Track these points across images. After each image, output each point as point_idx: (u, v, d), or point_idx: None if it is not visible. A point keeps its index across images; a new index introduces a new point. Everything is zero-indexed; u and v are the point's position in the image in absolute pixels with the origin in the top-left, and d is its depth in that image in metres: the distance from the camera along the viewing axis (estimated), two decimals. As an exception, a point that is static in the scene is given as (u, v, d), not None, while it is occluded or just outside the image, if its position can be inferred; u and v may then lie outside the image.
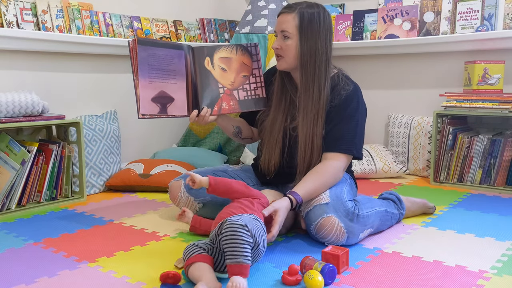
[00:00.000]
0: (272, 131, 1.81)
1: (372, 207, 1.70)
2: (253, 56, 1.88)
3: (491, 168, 2.44)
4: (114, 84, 2.72)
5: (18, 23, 2.22)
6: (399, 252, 1.57)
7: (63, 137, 2.30)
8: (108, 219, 1.99)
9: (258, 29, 2.84)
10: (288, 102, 1.81)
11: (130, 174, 2.46)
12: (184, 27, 3.01)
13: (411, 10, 2.79)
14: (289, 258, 1.52)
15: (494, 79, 2.46)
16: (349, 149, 1.70)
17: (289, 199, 1.59)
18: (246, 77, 1.87)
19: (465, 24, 2.62)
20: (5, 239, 1.73)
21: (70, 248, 1.63)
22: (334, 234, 1.58)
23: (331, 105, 1.72)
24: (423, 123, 2.78)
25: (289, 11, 1.71)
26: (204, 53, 1.82)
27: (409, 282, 1.35)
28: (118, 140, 2.59)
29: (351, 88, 1.73)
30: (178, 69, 1.76)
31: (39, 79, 2.38)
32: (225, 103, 1.83)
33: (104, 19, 2.58)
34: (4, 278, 1.39)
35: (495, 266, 1.46)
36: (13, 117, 2.04)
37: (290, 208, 1.59)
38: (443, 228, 1.83)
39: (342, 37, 3.05)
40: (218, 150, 2.91)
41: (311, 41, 1.69)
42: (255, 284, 1.33)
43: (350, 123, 1.71)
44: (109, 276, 1.39)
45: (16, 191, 2.05)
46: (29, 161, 2.07)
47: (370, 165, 2.71)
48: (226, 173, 1.95)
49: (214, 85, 1.82)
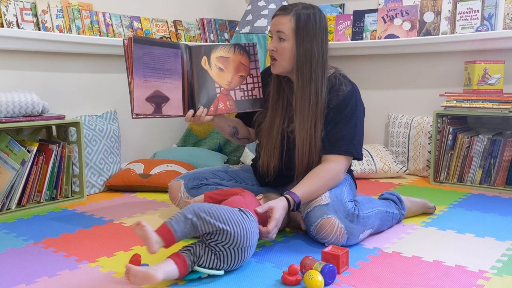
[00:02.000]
0: (270, 134, 1.79)
1: (372, 208, 1.69)
2: (251, 56, 1.87)
3: (491, 168, 2.44)
4: (114, 84, 2.72)
5: (18, 23, 2.22)
6: (399, 252, 1.57)
7: (63, 137, 2.30)
8: (108, 219, 1.99)
9: (258, 29, 2.84)
10: (286, 104, 1.79)
11: (130, 174, 2.46)
12: (184, 27, 3.01)
13: (411, 10, 2.79)
14: (289, 258, 1.52)
15: (494, 79, 2.46)
16: (348, 150, 1.69)
17: (286, 199, 1.59)
18: (243, 77, 1.85)
19: (465, 24, 2.62)
20: (5, 239, 1.73)
21: (70, 248, 1.63)
22: (334, 235, 1.58)
23: (329, 107, 1.71)
24: (423, 123, 2.78)
25: (284, 13, 1.68)
26: (201, 52, 1.81)
27: (409, 282, 1.35)
28: (118, 140, 2.59)
29: (349, 88, 1.71)
30: (174, 68, 1.75)
31: (39, 79, 2.38)
32: (222, 103, 1.82)
33: (104, 19, 2.58)
34: (4, 278, 1.39)
35: (495, 266, 1.46)
36: (13, 117, 2.04)
37: (288, 208, 1.59)
38: (443, 228, 1.83)
39: (342, 37, 3.05)
40: (218, 150, 2.91)
41: (307, 43, 1.67)
42: (255, 284, 1.33)
43: (348, 124, 1.69)
44: (109, 276, 1.39)
45: (16, 191, 2.05)
46: (29, 161, 2.07)
47: (370, 165, 2.71)
48: (226, 173, 1.95)
49: (211, 84, 1.81)
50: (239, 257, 1.38)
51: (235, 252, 1.36)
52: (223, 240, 1.34)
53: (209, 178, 1.90)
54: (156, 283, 1.33)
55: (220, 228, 1.34)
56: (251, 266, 1.45)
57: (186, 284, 1.33)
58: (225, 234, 1.34)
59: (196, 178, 1.89)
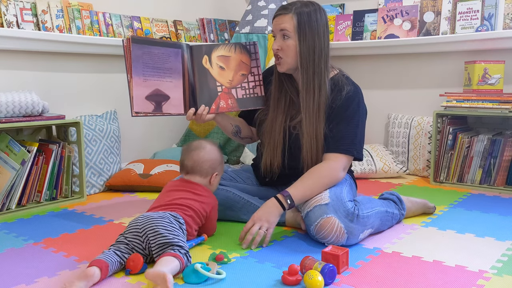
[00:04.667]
0: (272, 132, 1.80)
1: (372, 208, 1.69)
2: (252, 54, 1.88)
3: (491, 168, 2.44)
4: (114, 84, 2.72)
5: (18, 23, 2.22)
6: (399, 252, 1.57)
7: (63, 137, 2.30)
8: (108, 219, 1.99)
9: (258, 29, 2.84)
10: (288, 103, 1.80)
11: (130, 174, 2.46)
12: (184, 27, 3.01)
13: (411, 10, 2.79)
14: (289, 258, 1.52)
15: (494, 79, 2.46)
16: (349, 150, 1.70)
17: (275, 199, 1.63)
18: (244, 75, 1.86)
19: (465, 24, 2.62)
20: (5, 239, 1.73)
21: (70, 248, 1.63)
22: (334, 235, 1.58)
23: (332, 106, 1.72)
24: (423, 123, 2.78)
25: (286, 12, 1.70)
26: (202, 52, 1.82)
27: (409, 282, 1.35)
28: (118, 140, 2.59)
29: (352, 89, 1.73)
30: (175, 67, 1.75)
31: (39, 79, 2.38)
32: (223, 102, 1.82)
33: (104, 19, 2.58)
34: (4, 278, 1.39)
35: (495, 266, 1.46)
36: (13, 117, 2.04)
37: (279, 205, 1.62)
38: (443, 228, 1.83)
39: (342, 37, 3.05)
40: (218, 150, 2.91)
41: (310, 39, 1.68)
42: (255, 284, 1.33)
43: (350, 124, 1.70)
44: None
45: (16, 191, 2.05)
46: (29, 161, 2.07)
47: (370, 165, 2.71)
48: (226, 173, 1.95)
49: (212, 83, 1.82)
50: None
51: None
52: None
53: (209, 178, 1.90)
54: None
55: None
56: (251, 266, 1.45)
57: (186, 284, 1.33)
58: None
59: (196, 178, 1.89)
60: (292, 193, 1.63)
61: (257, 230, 1.59)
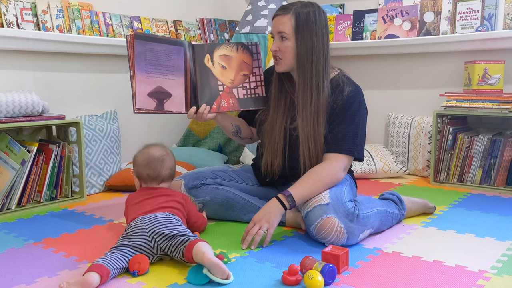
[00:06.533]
0: (273, 133, 1.80)
1: (372, 208, 1.69)
2: (253, 54, 1.88)
3: (491, 168, 2.44)
4: (114, 84, 2.72)
5: (18, 23, 2.22)
6: (399, 252, 1.57)
7: (63, 137, 2.30)
8: (108, 219, 1.99)
9: (258, 29, 2.84)
10: (288, 103, 1.80)
11: (130, 174, 2.46)
12: (184, 27, 3.02)
13: (411, 10, 2.79)
14: (289, 258, 1.52)
15: (494, 79, 2.46)
16: (349, 150, 1.70)
17: (276, 199, 1.63)
18: (246, 75, 1.86)
19: (465, 24, 2.62)
20: (5, 239, 1.73)
21: (70, 248, 1.63)
22: (334, 235, 1.58)
23: (333, 107, 1.71)
24: (423, 123, 2.78)
25: (284, 13, 1.70)
26: (204, 50, 1.82)
27: (409, 282, 1.35)
28: (118, 140, 2.59)
29: (353, 89, 1.73)
30: (177, 65, 1.75)
31: (39, 79, 2.38)
32: (224, 101, 1.82)
33: (104, 19, 2.58)
34: (4, 278, 1.39)
35: (495, 266, 1.46)
36: (13, 117, 2.04)
37: (281, 205, 1.62)
38: (443, 228, 1.83)
39: (342, 37, 3.05)
40: (218, 150, 2.91)
41: (308, 40, 1.68)
42: (255, 284, 1.33)
43: (351, 124, 1.70)
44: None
45: (16, 191, 2.05)
46: (29, 161, 2.07)
47: (370, 165, 2.71)
48: (226, 173, 1.95)
49: (214, 82, 1.82)
50: None
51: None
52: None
53: (209, 178, 1.90)
54: (156, 283, 1.33)
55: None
56: (251, 266, 1.45)
57: (186, 284, 1.33)
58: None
59: (196, 178, 1.90)
60: (293, 193, 1.63)
61: (257, 230, 1.59)
